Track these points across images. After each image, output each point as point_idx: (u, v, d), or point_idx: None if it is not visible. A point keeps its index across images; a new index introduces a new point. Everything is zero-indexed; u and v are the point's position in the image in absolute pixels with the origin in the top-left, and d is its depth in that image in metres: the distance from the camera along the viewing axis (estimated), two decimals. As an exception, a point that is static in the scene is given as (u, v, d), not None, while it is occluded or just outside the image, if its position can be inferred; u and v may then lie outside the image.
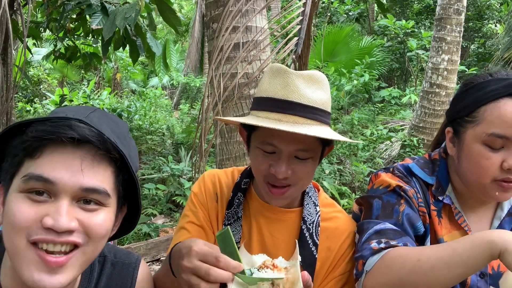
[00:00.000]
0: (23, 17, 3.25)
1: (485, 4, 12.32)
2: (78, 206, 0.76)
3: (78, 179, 0.75)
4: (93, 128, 0.76)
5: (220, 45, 2.31)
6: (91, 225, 0.77)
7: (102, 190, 0.77)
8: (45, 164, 0.74)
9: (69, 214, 0.74)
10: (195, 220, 1.23)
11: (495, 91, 1.09)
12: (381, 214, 1.16)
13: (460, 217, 1.20)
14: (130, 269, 0.99)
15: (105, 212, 0.80)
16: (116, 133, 0.82)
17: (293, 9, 2.43)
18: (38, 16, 6.03)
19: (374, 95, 9.73)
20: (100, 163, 0.77)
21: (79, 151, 0.75)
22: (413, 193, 1.19)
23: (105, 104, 9.91)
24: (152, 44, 4.35)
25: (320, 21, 11.96)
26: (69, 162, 0.75)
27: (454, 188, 1.23)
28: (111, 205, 0.81)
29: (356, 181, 6.03)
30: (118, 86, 15.96)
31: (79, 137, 0.74)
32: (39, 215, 0.73)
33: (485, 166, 1.09)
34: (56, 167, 0.74)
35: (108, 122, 0.83)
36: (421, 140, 6.67)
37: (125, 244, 4.54)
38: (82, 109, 0.83)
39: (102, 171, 0.78)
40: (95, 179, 0.76)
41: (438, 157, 1.27)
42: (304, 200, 1.23)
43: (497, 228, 1.21)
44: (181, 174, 6.39)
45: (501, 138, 1.07)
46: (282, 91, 1.08)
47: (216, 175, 1.29)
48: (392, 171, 1.25)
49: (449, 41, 6.51)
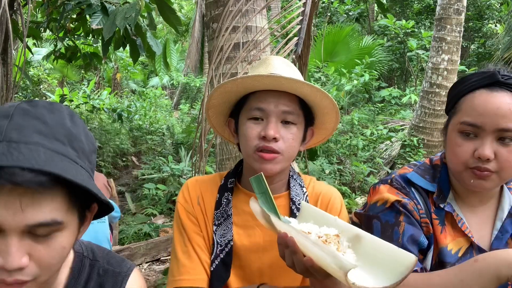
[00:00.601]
0: (23, 17, 3.24)
1: (485, 4, 12.32)
2: (28, 238, 0.70)
3: (20, 219, 0.68)
4: (33, 168, 0.66)
5: (220, 45, 2.31)
6: (42, 257, 0.72)
7: (50, 222, 0.70)
8: None
9: (19, 251, 0.69)
10: (195, 235, 1.24)
11: (473, 83, 1.14)
12: (381, 237, 1.16)
13: (463, 224, 1.20)
14: (120, 278, 0.96)
15: (61, 236, 0.74)
16: (45, 134, 0.72)
17: (293, 9, 2.43)
18: (38, 16, 6.03)
19: (374, 95, 9.72)
20: (43, 194, 0.69)
21: (16, 189, 0.67)
22: (413, 206, 1.19)
23: (105, 104, 9.90)
24: (152, 44, 4.35)
25: (320, 21, 11.96)
26: (7, 203, 0.67)
27: (455, 192, 1.23)
28: (68, 225, 0.74)
29: (356, 181, 6.02)
30: (118, 86, 15.96)
31: (12, 186, 0.65)
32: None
33: (457, 153, 1.13)
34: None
35: (33, 125, 0.72)
36: (421, 140, 6.67)
37: (125, 244, 4.54)
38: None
39: (48, 202, 0.70)
40: (40, 213, 0.69)
41: (439, 162, 1.27)
42: (290, 182, 1.29)
43: (499, 230, 1.21)
44: (181, 174, 6.39)
45: (471, 126, 1.11)
46: (265, 70, 1.21)
47: (197, 180, 1.33)
48: (391, 182, 1.25)
49: (449, 41, 6.51)
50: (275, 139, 1.14)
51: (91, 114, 9.64)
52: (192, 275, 1.19)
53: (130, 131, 9.45)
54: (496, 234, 1.21)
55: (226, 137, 1.39)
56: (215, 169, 3.01)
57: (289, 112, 1.17)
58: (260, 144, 1.15)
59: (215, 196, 1.27)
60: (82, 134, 0.79)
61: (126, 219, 5.42)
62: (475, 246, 1.19)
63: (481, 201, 1.23)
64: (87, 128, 0.83)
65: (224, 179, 1.31)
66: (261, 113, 1.17)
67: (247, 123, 1.19)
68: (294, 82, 1.13)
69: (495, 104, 1.08)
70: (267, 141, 1.14)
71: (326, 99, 1.19)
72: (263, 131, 1.15)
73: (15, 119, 0.72)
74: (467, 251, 1.19)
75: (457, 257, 1.18)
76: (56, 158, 0.71)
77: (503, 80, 1.10)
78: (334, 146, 6.60)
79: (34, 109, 0.75)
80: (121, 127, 9.28)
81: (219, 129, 1.39)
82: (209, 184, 1.31)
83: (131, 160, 8.53)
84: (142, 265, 4.17)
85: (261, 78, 1.13)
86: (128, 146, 8.63)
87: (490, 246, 1.20)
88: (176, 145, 8.72)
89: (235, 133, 1.28)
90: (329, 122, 1.29)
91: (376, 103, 9.47)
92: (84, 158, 0.78)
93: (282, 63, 1.25)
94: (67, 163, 0.72)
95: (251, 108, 1.18)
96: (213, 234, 1.23)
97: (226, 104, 1.28)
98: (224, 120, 1.34)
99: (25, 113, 0.74)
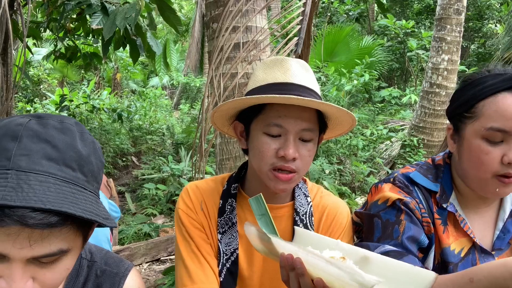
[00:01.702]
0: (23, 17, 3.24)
1: (485, 4, 12.32)
2: (33, 264, 0.71)
3: (28, 252, 0.68)
4: (44, 208, 0.66)
5: (220, 45, 2.30)
6: (46, 280, 0.73)
7: (57, 252, 0.71)
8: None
9: (23, 277, 0.70)
10: (202, 242, 1.19)
11: (493, 86, 1.10)
12: (382, 235, 1.16)
13: (465, 225, 1.19)
14: (117, 278, 0.96)
15: (66, 259, 0.75)
16: (55, 160, 0.71)
17: (293, 9, 2.43)
18: (38, 16, 6.02)
19: (374, 95, 9.72)
20: (51, 231, 0.69)
21: (25, 228, 0.66)
22: (415, 205, 1.18)
23: (105, 104, 9.90)
24: (152, 44, 4.35)
25: (320, 21, 11.96)
26: (15, 241, 0.67)
27: (458, 192, 1.23)
28: (73, 249, 0.75)
29: (356, 181, 6.02)
30: (118, 86, 15.95)
31: (19, 224, 0.65)
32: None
33: (485, 161, 1.09)
34: (4, 243, 0.67)
35: (43, 148, 0.71)
36: (421, 140, 6.67)
37: (125, 244, 4.54)
38: (4, 141, 0.70)
39: (56, 236, 0.70)
40: (48, 247, 0.70)
41: (442, 162, 1.27)
42: (295, 192, 1.24)
43: (501, 230, 1.21)
44: (181, 174, 6.39)
45: (499, 131, 1.07)
46: (283, 76, 1.12)
47: (197, 185, 1.27)
48: (393, 181, 1.24)
49: (449, 41, 6.51)
50: (294, 159, 1.09)
51: (91, 114, 9.64)
52: (206, 283, 1.13)
53: (130, 131, 9.46)
54: (498, 234, 1.21)
55: (225, 131, 1.31)
56: (215, 169, 3.01)
57: (308, 130, 1.10)
58: (277, 164, 1.09)
59: (218, 203, 1.22)
60: (92, 154, 0.78)
61: (126, 219, 5.42)
62: (478, 246, 1.19)
63: (485, 203, 1.23)
64: (96, 144, 0.82)
65: (226, 184, 1.25)
66: (279, 130, 1.09)
67: (263, 138, 1.10)
68: (322, 105, 1.05)
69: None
70: (285, 161, 1.08)
71: (349, 117, 1.13)
72: (282, 150, 1.08)
73: (24, 142, 0.70)
74: (469, 251, 1.19)
75: (459, 257, 1.18)
76: (66, 190, 0.70)
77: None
78: (334, 146, 6.60)
79: (44, 130, 0.73)
80: (121, 127, 9.28)
81: (219, 125, 1.31)
82: (210, 189, 1.25)
83: (131, 160, 8.53)
84: (142, 265, 4.17)
85: (286, 100, 1.04)
86: (128, 146, 8.63)
87: (492, 246, 1.21)
88: (176, 145, 8.72)
89: (242, 137, 1.21)
90: (341, 130, 1.24)
91: (376, 103, 9.47)
92: (93, 180, 0.77)
93: (301, 69, 1.15)
94: (77, 194, 0.72)
95: (269, 124, 1.09)
96: (218, 242, 1.19)
97: (236, 109, 1.19)
98: (228, 121, 1.26)
99: (35, 135, 0.71)
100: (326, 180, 5.42)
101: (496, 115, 1.07)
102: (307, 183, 1.30)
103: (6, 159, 0.68)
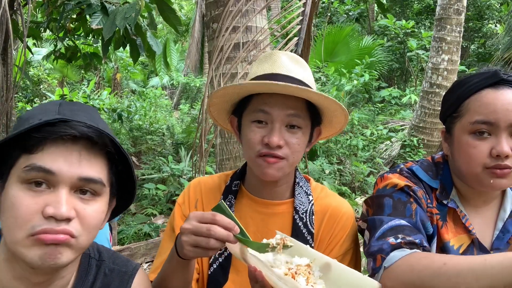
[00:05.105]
0: (23, 17, 3.24)
1: (485, 4, 12.31)
2: (75, 196, 0.81)
3: (76, 170, 0.80)
4: (91, 125, 0.81)
5: (220, 45, 2.31)
6: (86, 216, 0.81)
7: (98, 180, 0.83)
8: (46, 157, 0.79)
9: (68, 203, 0.78)
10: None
11: (477, 84, 1.14)
12: (393, 212, 1.15)
13: (467, 220, 1.20)
14: (126, 277, 0.99)
15: (99, 202, 0.85)
16: (89, 117, 0.85)
17: (293, 9, 2.43)
18: (38, 16, 6.02)
19: (374, 95, 9.71)
20: (96, 155, 0.83)
21: (77, 146, 0.81)
22: (422, 194, 1.19)
23: (105, 104, 9.90)
24: (152, 43, 4.34)
25: (320, 21, 11.95)
26: (68, 155, 0.80)
27: (458, 190, 1.23)
28: (104, 195, 0.86)
29: (356, 181, 6.02)
30: (118, 86, 15.94)
31: (79, 135, 0.79)
32: (40, 206, 0.77)
33: (473, 155, 1.12)
34: (56, 160, 0.79)
35: (78, 109, 0.86)
36: (421, 140, 6.67)
37: (125, 244, 4.54)
38: (49, 106, 0.86)
39: (98, 162, 0.84)
40: (92, 169, 0.82)
41: (441, 160, 1.28)
42: (295, 190, 1.24)
43: (500, 230, 1.21)
44: (181, 174, 6.39)
45: (484, 124, 1.10)
46: (271, 67, 1.16)
47: (200, 182, 1.30)
48: (400, 171, 1.25)
49: (449, 41, 6.51)
50: (279, 146, 1.10)
51: (91, 114, 9.61)
52: None
53: (130, 131, 9.45)
54: (498, 234, 1.21)
55: (229, 128, 1.33)
56: (215, 169, 3.02)
57: (295, 115, 1.11)
58: (262, 150, 1.11)
59: (218, 199, 1.24)
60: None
61: (126, 219, 5.42)
62: (476, 243, 1.19)
63: (485, 202, 1.23)
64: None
65: (229, 181, 1.27)
66: (265, 116, 1.12)
67: (251, 126, 1.14)
68: (301, 91, 1.07)
69: (505, 100, 1.09)
70: (270, 148, 1.10)
71: (335, 104, 1.14)
72: (266, 137, 1.10)
73: (63, 105, 0.86)
74: (468, 248, 1.19)
75: (458, 253, 1.19)
76: (101, 125, 0.85)
77: (506, 78, 1.11)
78: (334, 146, 6.60)
79: (75, 104, 0.89)
80: (121, 127, 9.28)
81: (221, 123, 1.34)
82: (212, 186, 1.28)
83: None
84: (142, 265, 4.17)
85: (266, 86, 1.08)
86: (128, 146, 8.63)
87: (491, 246, 1.21)
88: (176, 145, 8.71)
89: (238, 131, 1.24)
90: (337, 122, 1.24)
91: (376, 103, 9.47)
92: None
93: (289, 61, 1.18)
94: (109, 132, 0.87)
95: (255, 110, 1.13)
96: None
97: (229, 103, 1.24)
98: (227, 116, 1.29)
99: (70, 104, 0.88)
100: (326, 180, 5.42)
101: (480, 109, 1.11)
102: (310, 182, 1.31)
103: (53, 113, 0.82)
